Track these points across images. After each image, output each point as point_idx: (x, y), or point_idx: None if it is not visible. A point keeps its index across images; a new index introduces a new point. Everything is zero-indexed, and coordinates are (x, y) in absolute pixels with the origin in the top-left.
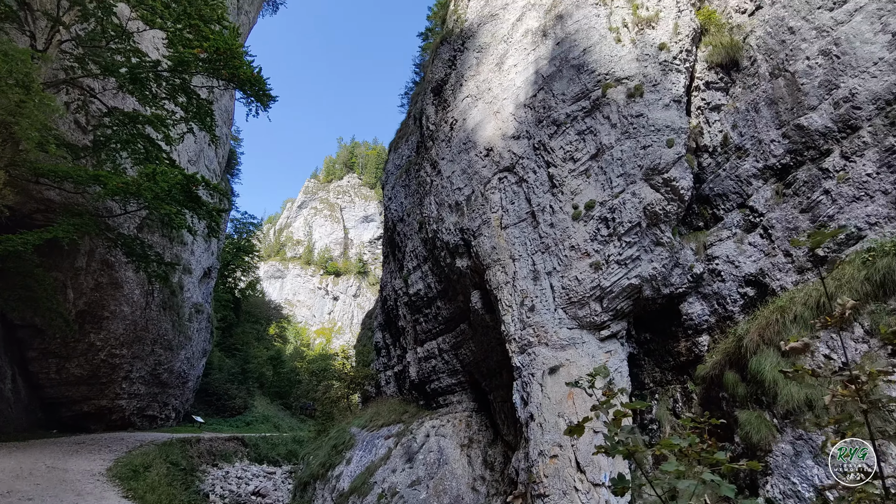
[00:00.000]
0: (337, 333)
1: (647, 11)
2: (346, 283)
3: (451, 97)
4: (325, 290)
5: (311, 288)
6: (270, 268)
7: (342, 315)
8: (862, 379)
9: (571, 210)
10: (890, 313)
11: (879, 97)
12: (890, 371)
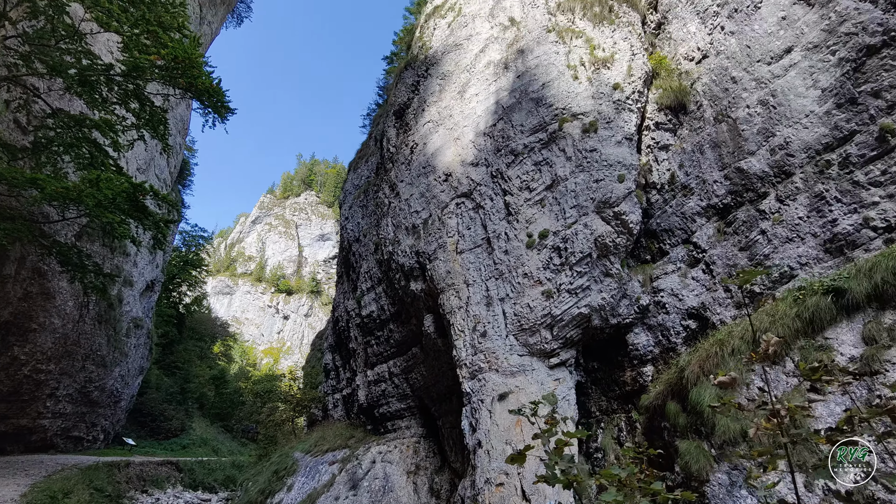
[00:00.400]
0: (286, 354)
1: (604, 52)
2: (298, 302)
3: (413, 121)
4: (275, 308)
5: (261, 306)
6: (219, 283)
7: (292, 335)
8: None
9: (526, 238)
10: (818, 349)
11: (810, 147)
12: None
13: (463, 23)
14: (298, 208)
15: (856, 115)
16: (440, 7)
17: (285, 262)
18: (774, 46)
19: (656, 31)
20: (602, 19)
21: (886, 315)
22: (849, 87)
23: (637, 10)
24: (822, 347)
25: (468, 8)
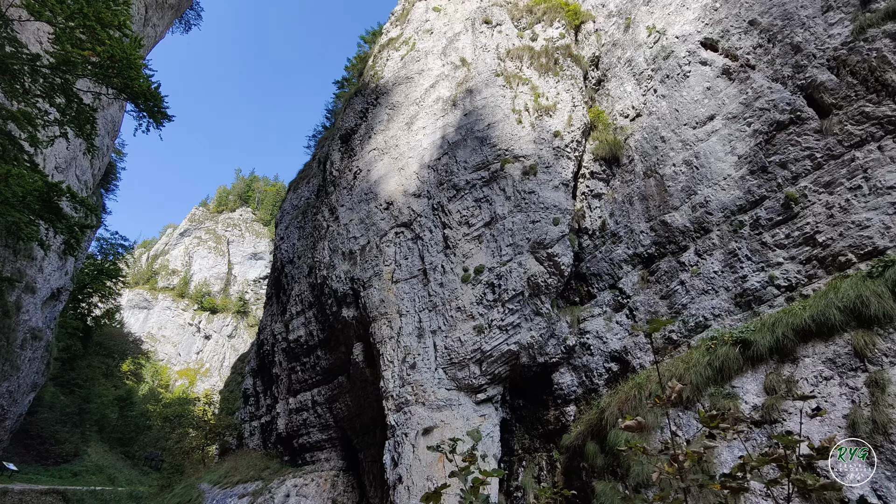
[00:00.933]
0: (203, 376)
1: (547, 101)
2: (223, 321)
3: (359, 147)
4: (196, 326)
5: (182, 323)
6: (136, 296)
7: (212, 356)
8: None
9: (462, 272)
10: (725, 396)
11: (727, 207)
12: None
13: (416, 57)
14: (232, 224)
15: (766, 182)
16: (395, 39)
17: (212, 278)
18: (699, 113)
19: (596, 87)
20: (548, 70)
21: (785, 367)
22: (761, 157)
23: (580, 65)
24: (730, 395)
25: (422, 44)
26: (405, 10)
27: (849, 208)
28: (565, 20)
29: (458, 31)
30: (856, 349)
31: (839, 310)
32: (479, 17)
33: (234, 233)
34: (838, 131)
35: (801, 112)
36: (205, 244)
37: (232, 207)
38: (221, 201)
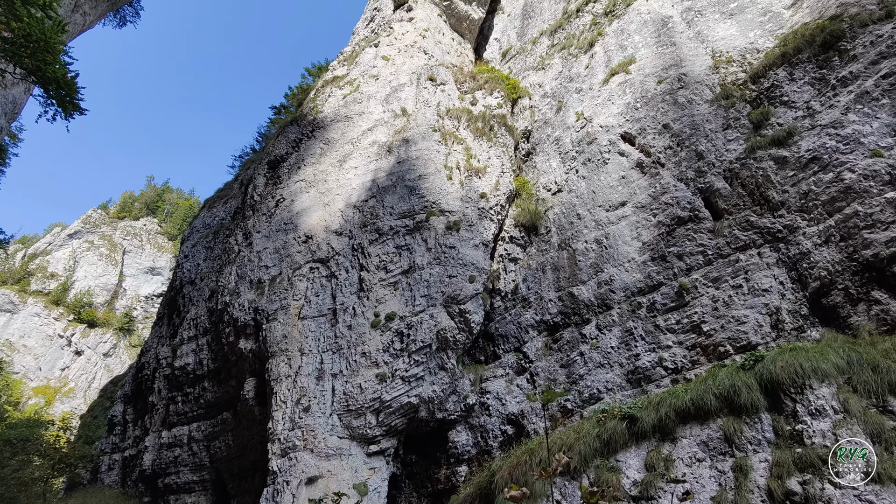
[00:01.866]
0: (65, 396)
1: (478, 163)
2: (100, 337)
3: (286, 176)
4: (67, 339)
5: (50, 334)
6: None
7: (80, 375)
8: None
9: (373, 317)
10: (610, 470)
11: (628, 288)
12: None
13: (358, 99)
14: (133, 233)
15: (664, 270)
16: (340, 78)
17: (98, 288)
18: (613, 198)
19: (525, 158)
20: (482, 134)
21: (665, 446)
22: (662, 246)
23: (513, 136)
24: (614, 468)
25: (366, 88)
26: (355, 52)
27: (731, 304)
28: (504, 92)
29: (403, 83)
30: (726, 435)
31: (715, 396)
32: (425, 73)
33: (134, 243)
34: (727, 234)
35: (698, 212)
36: (96, 250)
37: (136, 216)
38: (125, 207)
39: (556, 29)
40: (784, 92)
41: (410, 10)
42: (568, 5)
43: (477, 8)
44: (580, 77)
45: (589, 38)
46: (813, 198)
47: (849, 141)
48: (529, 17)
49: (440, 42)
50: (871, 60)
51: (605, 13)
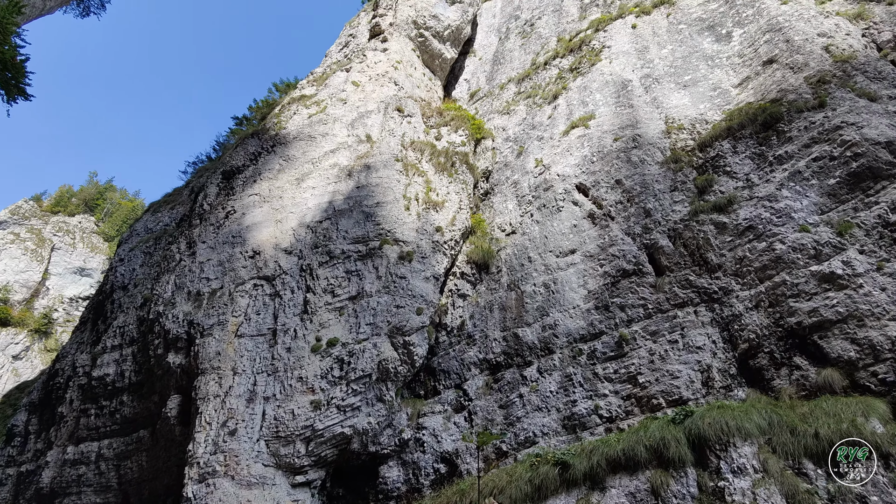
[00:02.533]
0: None
1: (437, 196)
2: (12, 337)
3: (240, 188)
4: None
5: None
6: None
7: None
8: None
9: (314, 341)
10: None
11: (571, 334)
12: None
13: (324, 120)
14: (65, 230)
15: (606, 320)
16: (307, 97)
17: (17, 284)
18: (564, 244)
19: (483, 197)
20: (444, 169)
21: (595, 495)
22: (606, 296)
23: (473, 174)
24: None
25: (333, 110)
26: (325, 74)
27: (666, 358)
28: (469, 131)
29: (370, 110)
30: (653, 487)
31: (645, 448)
32: (393, 103)
33: (65, 240)
34: (668, 290)
35: (643, 267)
36: (22, 243)
37: (72, 212)
38: (61, 201)
39: (524, 78)
40: (727, 163)
41: (385, 41)
42: (537, 58)
43: (450, 48)
44: (542, 126)
45: (554, 91)
46: (747, 264)
47: (781, 214)
48: (500, 63)
49: (411, 75)
50: (804, 143)
51: (570, 69)
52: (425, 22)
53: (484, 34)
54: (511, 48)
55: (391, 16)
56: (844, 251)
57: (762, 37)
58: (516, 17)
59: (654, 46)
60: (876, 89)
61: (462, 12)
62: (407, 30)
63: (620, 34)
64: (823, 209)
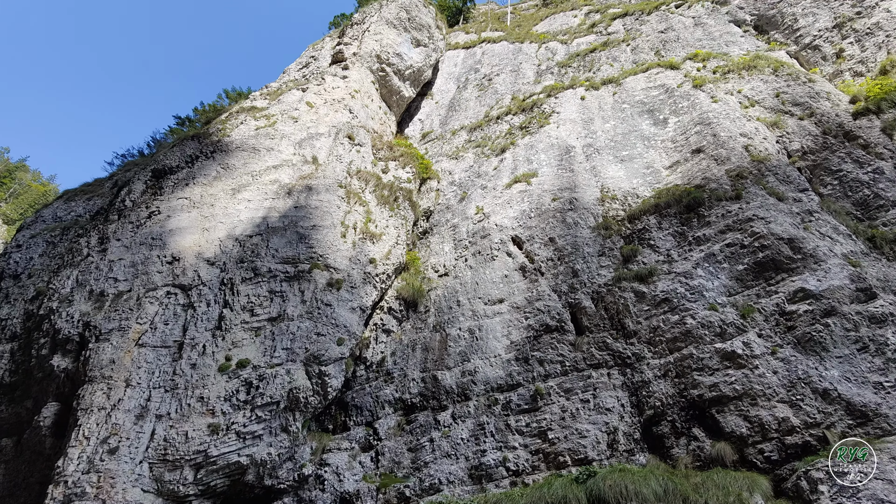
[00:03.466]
0: None
1: (375, 228)
2: None
3: (170, 189)
4: None
5: None
6: None
7: None
8: None
9: (223, 360)
10: None
11: (490, 382)
12: None
13: (271, 135)
14: None
15: (525, 372)
16: (258, 109)
17: None
18: (494, 293)
19: (421, 236)
20: (386, 203)
21: None
22: (527, 349)
23: (415, 211)
24: None
25: (283, 127)
26: (280, 90)
27: (577, 416)
28: (416, 169)
29: (321, 132)
30: None
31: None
32: (345, 130)
33: None
34: (586, 350)
35: (565, 324)
36: None
37: None
38: None
39: (476, 127)
40: (652, 237)
41: (347, 68)
42: (490, 111)
43: (410, 87)
44: (488, 175)
45: (502, 144)
46: (660, 334)
47: (695, 291)
48: (455, 109)
49: (367, 106)
50: (720, 229)
51: (520, 127)
52: (388, 58)
53: (443, 80)
54: (467, 98)
55: (356, 46)
56: (746, 333)
57: (693, 128)
58: (476, 69)
59: (598, 119)
60: (784, 190)
61: (425, 56)
62: (369, 62)
63: (570, 103)
64: (731, 291)
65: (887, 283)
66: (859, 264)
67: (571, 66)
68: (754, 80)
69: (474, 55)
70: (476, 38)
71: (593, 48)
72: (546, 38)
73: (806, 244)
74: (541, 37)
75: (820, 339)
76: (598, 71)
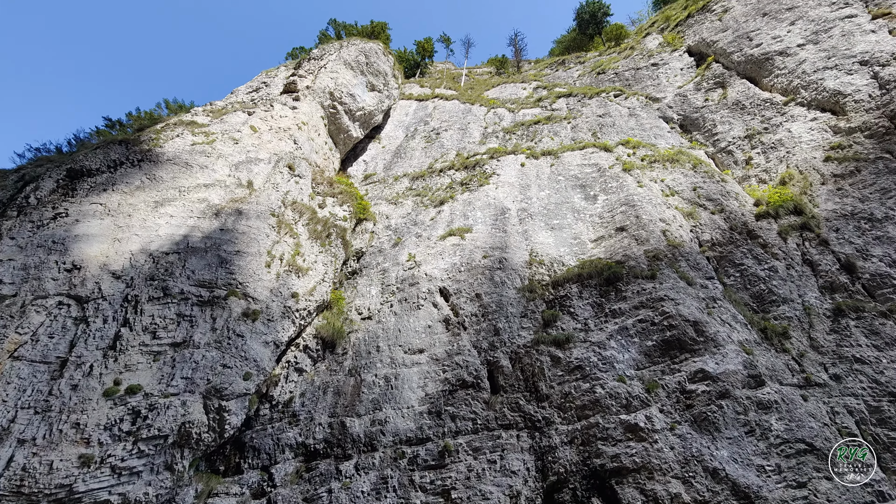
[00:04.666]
0: None
1: (303, 262)
2: None
3: (84, 192)
4: None
5: None
6: None
7: None
8: None
9: (111, 383)
10: None
11: (399, 434)
12: None
13: (208, 152)
14: None
15: (436, 427)
16: (198, 125)
17: None
18: (415, 342)
19: (349, 276)
20: (318, 238)
21: None
22: (441, 403)
23: (346, 250)
24: None
25: (221, 146)
26: (225, 109)
27: (482, 477)
28: (353, 209)
29: (261, 158)
30: None
31: None
32: (286, 159)
33: None
34: (498, 409)
35: (481, 381)
36: None
37: None
38: None
39: (419, 177)
40: (572, 304)
41: (298, 99)
42: (435, 163)
43: (359, 129)
44: (424, 224)
45: (442, 197)
46: (571, 400)
47: (606, 362)
48: (400, 156)
49: (313, 139)
50: (635, 305)
51: (461, 182)
52: (342, 97)
53: (393, 127)
54: (414, 147)
55: (310, 80)
56: (649, 407)
57: (619, 207)
58: (426, 122)
59: (535, 187)
60: (693, 276)
61: (378, 101)
62: (321, 97)
63: (510, 167)
64: (639, 365)
65: (774, 372)
66: (752, 352)
67: (516, 133)
68: (676, 173)
69: (426, 108)
70: (430, 92)
71: (537, 120)
72: (495, 104)
73: (708, 328)
74: (491, 102)
75: (714, 419)
76: (540, 142)
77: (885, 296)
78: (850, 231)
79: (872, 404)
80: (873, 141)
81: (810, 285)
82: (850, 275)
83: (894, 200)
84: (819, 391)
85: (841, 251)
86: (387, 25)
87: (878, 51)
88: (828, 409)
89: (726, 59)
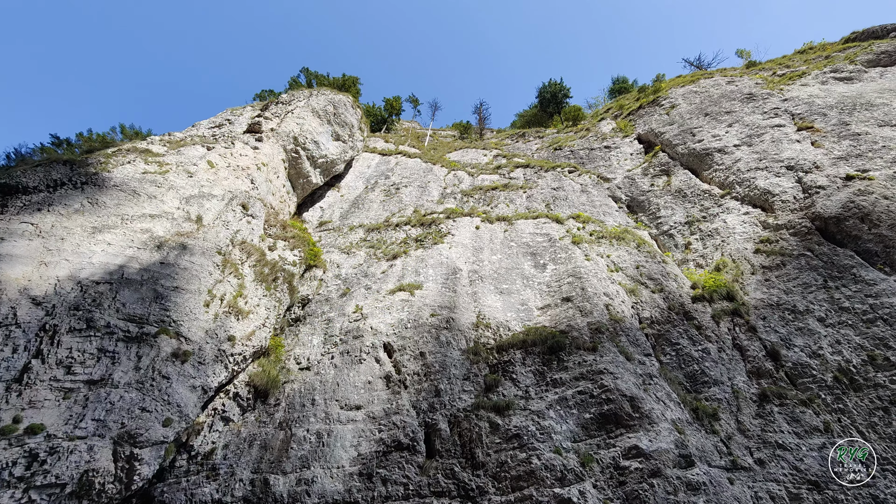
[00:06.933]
0: None
1: (245, 305)
2: None
3: (16, 210)
4: None
5: None
6: None
7: None
8: None
9: (10, 421)
10: None
11: (326, 496)
12: None
13: (158, 182)
14: None
15: (366, 490)
16: (153, 154)
17: None
18: (353, 398)
19: (292, 322)
20: (264, 280)
21: None
22: (374, 465)
23: (292, 296)
24: None
25: (175, 178)
26: (183, 141)
27: None
28: (304, 254)
29: (214, 194)
30: None
31: None
32: (241, 198)
33: None
34: (432, 475)
35: (417, 445)
36: None
37: None
38: None
39: (374, 229)
40: (515, 371)
41: (261, 140)
42: (392, 217)
43: (319, 175)
44: (375, 277)
45: (395, 251)
46: (506, 469)
47: (545, 432)
48: (358, 207)
49: (271, 181)
50: (575, 376)
51: (416, 239)
52: (305, 143)
53: (354, 177)
54: (373, 199)
55: (276, 122)
56: (583, 482)
57: (567, 278)
58: (387, 176)
59: (487, 250)
60: (632, 351)
61: (342, 150)
62: (285, 141)
63: (465, 229)
64: (576, 438)
65: (703, 453)
66: (684, 432)
67: (473, 196)
68: (621, 250)
69: (388, 163)
70: (394, 148)
71: (495, 186)
72: (456, 167)
73: (644, 405)
74: (452, 164)
75: (645, 497)
76: (496, 207)
77: (805, 385)
78: (776, 320)
79: (793, 491)
80: (797, 238)
81: (739, 369)
82: (774, 362)
83: (814, 295)
84: (744, 475)
85: (767, 339)
86: (358, 80)
87: (802, 158)
88: (752, 493)
89: (672, 149)
